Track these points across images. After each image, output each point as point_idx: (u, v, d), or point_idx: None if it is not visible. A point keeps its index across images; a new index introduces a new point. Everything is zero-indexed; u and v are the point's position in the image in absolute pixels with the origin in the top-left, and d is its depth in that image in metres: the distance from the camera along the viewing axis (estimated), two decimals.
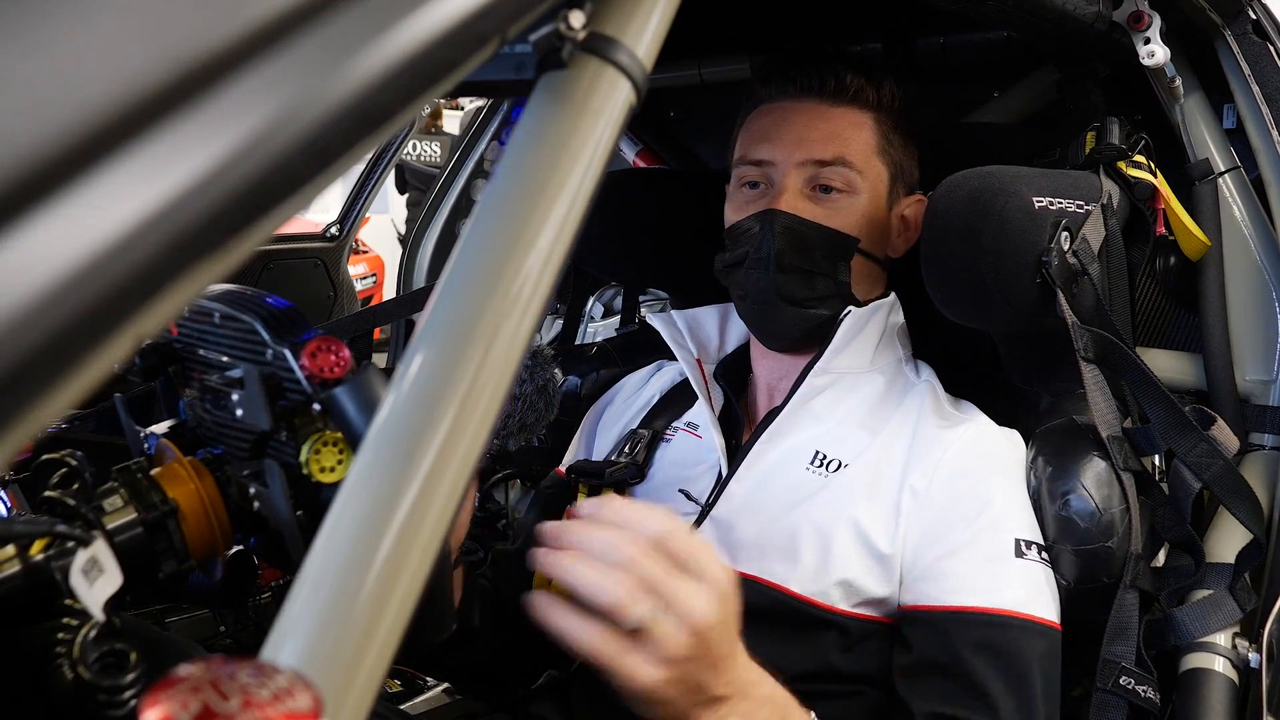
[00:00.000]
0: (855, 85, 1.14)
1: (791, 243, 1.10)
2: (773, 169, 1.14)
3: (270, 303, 0.72)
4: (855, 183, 1.12)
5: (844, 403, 1.12)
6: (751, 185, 1.16)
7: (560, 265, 0.49)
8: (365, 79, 0.35)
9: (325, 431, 0.67)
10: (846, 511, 1.02)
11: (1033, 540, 1.00)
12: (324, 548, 0.42)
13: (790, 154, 1.12)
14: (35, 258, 0.26)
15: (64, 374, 0.27)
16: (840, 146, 1.12)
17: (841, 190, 1.12)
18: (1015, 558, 0.98)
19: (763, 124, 1.17)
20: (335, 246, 2.84)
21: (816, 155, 1.12)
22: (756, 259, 1.12)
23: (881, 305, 1.16)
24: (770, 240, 1.10)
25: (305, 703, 0.35)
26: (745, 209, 1.15)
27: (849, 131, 1.13)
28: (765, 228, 1.11)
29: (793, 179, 1.12)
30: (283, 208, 0.33)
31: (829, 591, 1.00)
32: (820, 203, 1.12)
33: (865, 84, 1.15)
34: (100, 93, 0.28)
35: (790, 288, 1.11)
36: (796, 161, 1.12)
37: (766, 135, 1.15)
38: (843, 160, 1.12)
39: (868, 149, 1.14)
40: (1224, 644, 1.03)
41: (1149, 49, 1.15)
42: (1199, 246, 1.24)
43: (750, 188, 1.17)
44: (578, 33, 0.50)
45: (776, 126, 1.15)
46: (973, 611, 0.96)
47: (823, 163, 1.12)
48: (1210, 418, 1.04)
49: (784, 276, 1.11)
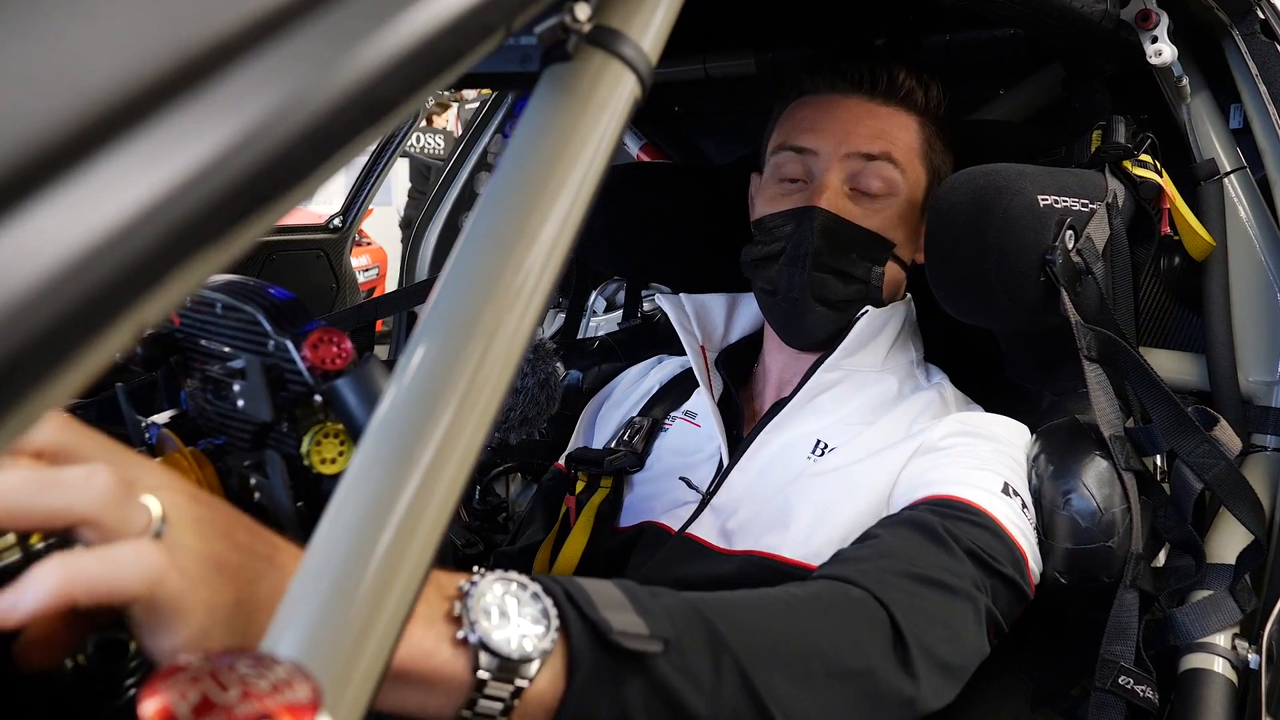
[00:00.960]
0: (907, 86, 1.13)
1: (830, 242, 1.09)
2: (815, 159, 1.12)
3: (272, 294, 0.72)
4: (896, 183, 1.11)
5: (852, 400, 1.12)
6: (790, 179, 1.14)
7: (563, 259, 0.49)
8: (369, 69, 0.35)
9: (326, 423, 0.67)
10: (844, 490, 1.02)
11: (1019, 493, 0.98)
12: (324, 539, 0.42)
13: (836, 145, 1.10)
14: (35, 245, 0.26)
15: (64, 363, 0.27)
16: (887, 143, 1.11)
17: (881, 191, 1.11)
18: (1000, 493, 0.96)
19: (808, 113, 1.15)
20: (338, 238, 2.84)
21: (863, 149, 1.10)
22: (793, 256, 1.10)
23: (898, 307, 1.16)
24: (809, 238, 1.09)
25: (304, 694, 0.35)
26: (781, 201, 1.14)
27: (895, 131, 1.12)
28: (804, 224, 1.09)
29: (835, 173, 1.10)
30: (285, 198, 0.33)
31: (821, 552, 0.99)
32: (860, 202, 1.11)
33: (916, 85, 1.14)
34: (101, 80, 0.27)
35: (825, 288, 1.10)
36: (842, 154, 1.10)
37: (812, 125, 1.13)
38: (888, 157, 1.10)
39: (911, 150, 1.13)
40: (1223, 645, 1.03)
41: (1156, 47, 1.14)
42: (1204, 246, 1.24)
43: (789, 181, 1.14)
44: (583, 25, 0.49)
45: (823, 117, 1.13)
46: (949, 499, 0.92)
47: (868, 157, 1.10)
48: (1213, 418, 1.03)
49: (820, 275, 1.09)
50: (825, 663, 0.70)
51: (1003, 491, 0.96)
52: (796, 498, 1.04)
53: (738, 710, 0.64)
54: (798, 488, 1.05)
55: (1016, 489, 0.98)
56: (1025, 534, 0.95)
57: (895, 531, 0.89)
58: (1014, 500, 0.97)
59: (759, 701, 0.65)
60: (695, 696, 0.62)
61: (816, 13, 1.52)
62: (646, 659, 0.60)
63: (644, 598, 0.64)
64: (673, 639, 0.62)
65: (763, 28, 1.65)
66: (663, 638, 0.61)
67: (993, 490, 0.96)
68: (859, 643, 0.74)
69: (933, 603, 0.80)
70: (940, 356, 1.24)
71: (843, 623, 0.74)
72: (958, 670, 0.81)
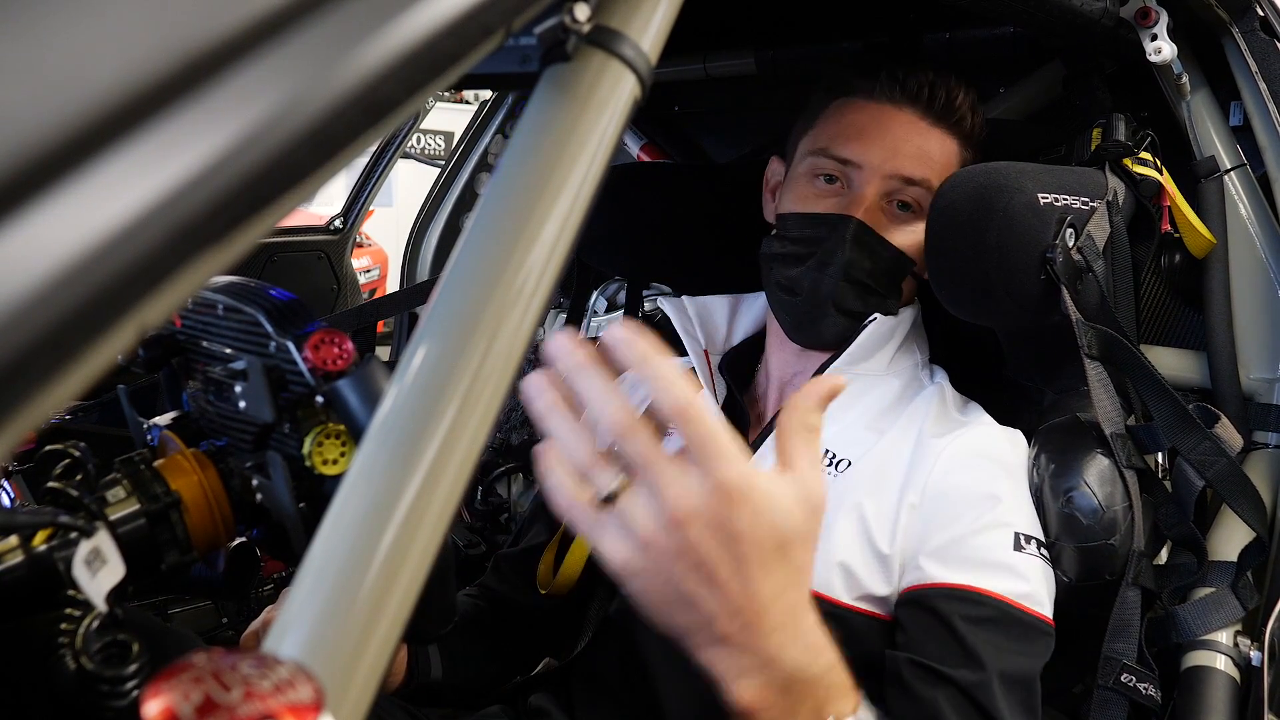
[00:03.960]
0: (962, 110, 1.11)
1: (862, 255, 1.08)
2: (857, 172, 1.10)
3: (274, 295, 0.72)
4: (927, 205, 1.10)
5: (857, 404, 1.12)
6: (828, 179, 1.12)
7: (564, 259, 0.49)
8: (370, 70, 0.35)
9: (328, 424, 0.67)
10: (850, 500, 1.02)
11: (1032, 535, 0.99)
12: (326, 540, 0.42)
13: (882, 163, 1.09)
14: (38, 247, 0.26)
15: (67, 364, 0.27)
16: (928, 168, 1.09)
17: (916, 211, 1.10)
18: (1014, 550, 0.97)
19: (857, 120, 1.12)
20: (339, 239, 2.84)
21: (906, 171, 1.09)
22: (823, 261, 1.09)
23: (905, 312, 1.15)
24: (843, 247, 1.07)
25: (307, 694, 0.35)
26: (815, 203, 1.12)
27: (940, 155, 1.11)
28: (839, 233, 1.08)
29: (874, 188, 1.09)
30: (286, 199, 0.33)
31: (831, 582, 0.99)
32: (894, 220, 1.10)
33: (969, 111, 1.12)
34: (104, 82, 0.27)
35: (848, 298, 1.09)
36: (886, 172, 1.09)
37: (860, 134, 1.10)
38: (927, 184, 1.09)
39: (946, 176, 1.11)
40: (1226, 642, 1.03)
41: (1156, 45, 1.14)
42: (1204, 244, 1.24)
43: (825, 181, 1.12)
44: (583, 26, 0.50)
45: (871, 127, 1.10)
46: (966, 589, 0.94)
47: (910, 180, 1.09)
48: (1214, 415, 1.03)
49: (845, 286, 1.08)
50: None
51: (1015, 548, 0.97)
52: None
53: None
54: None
55: (1028, 533, 0.98)
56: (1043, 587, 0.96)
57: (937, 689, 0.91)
58: (1029, 546, 0.97)
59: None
60: None
61: (817, 12, 1.52)
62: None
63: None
64: None
65: (763, 26, 1.65)
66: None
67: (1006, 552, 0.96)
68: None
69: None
70: (941, 355, 1.24)
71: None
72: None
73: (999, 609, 0.93)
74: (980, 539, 0.97)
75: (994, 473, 1.02)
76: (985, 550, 0.97)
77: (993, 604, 0.93)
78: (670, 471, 0.56)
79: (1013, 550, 0.97)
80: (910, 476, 1.02)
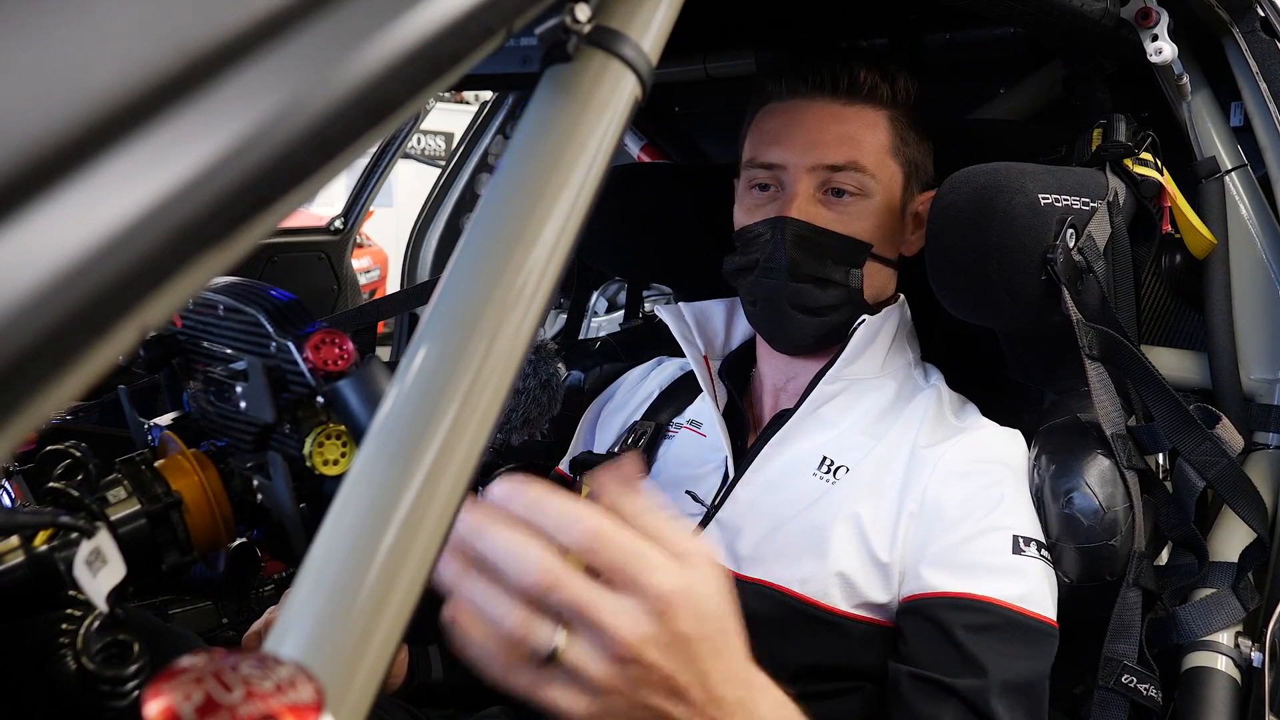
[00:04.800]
0: (869, 82, 1.11)
1: (803, 251, 1.09)
2: (784, 173, 1.11)
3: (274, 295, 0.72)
4: (868, 186, 1.10)
5: (854, 409, 1.12)
6: (761, 187, 1.14)
7: (564, 260, 0.49)
8: (370, 70, 0.35)
9: (329, 424, 0.67)
10: (848, 509, 1.02)
11: (1031, 537, 0.99)
12: (327, 540, 0.42)
13: (801, 158, 1.10)
14: (39, 247, 0.26)
15: (67, 365, 0.27)
16: (852, 150, 1.10)
17: (854, 193, 1.10)
18: (1012, 554, 0.97)
19: (773, 125, 1.14)
20: (339, 240, 2.84)
21: (829, 160, 1.09)
22: (768, 267, 1.10)
23: (892, 311, 1.15)
24: (781, 248, 1.08)
25: (308, 694, 0.35)
26: (755, 212, 1.13)
27: (862, 133, 1.11)
28: (776, 235, 1.09)
29: (804, 183, 1.10)
30: (287, 200, 0.33)
31: (829, 591, 1.00)
32: (832, 207, 1.10)
33: (879, 81, 1.12)
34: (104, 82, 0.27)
35: (801, 296, 1.09)
36: (808, 166, 1.09)
37: (777, 137, 1.12)
38: (855, 165, 1.09)
39: (881, 150, 1.11)
40: (1226, 643, 1.03)
41: (1156, 46, 1.14)
42: (1205, 244, 1.24)
43: (760, 190, 1.14)
44: (583, 26, 0.50)
45: (787, 128, 1.12)
46: (966, 597, 0.95)
47: (835, 167, 1.09)
48: (1215, 416, 1.03)
49: (795, 285, 1.09)
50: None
51: (1015, 551, 0.97)
52: (807, 527, 1.04)
53: None
54: (809, 517, 1.04)
55: (1027, 534, 0.99)
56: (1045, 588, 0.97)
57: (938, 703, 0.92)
58: (1029, 548, 0.98)
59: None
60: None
61: (817, 12, 1.52)
62: None
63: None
64: None
65: (763, 27, 1.65)
66: None
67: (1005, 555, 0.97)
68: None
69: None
70: (941, 356, 1.24)
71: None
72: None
73: (1000, 615, 0.94)
74: (979, 543, 0.98)
75: (992, 477, 1.02)
76: (985, 555, 0.97)
77: (994, 610, 0.94)
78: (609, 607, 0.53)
79: (1012, 553, 0.97)
80: (908, 484, 1.02)
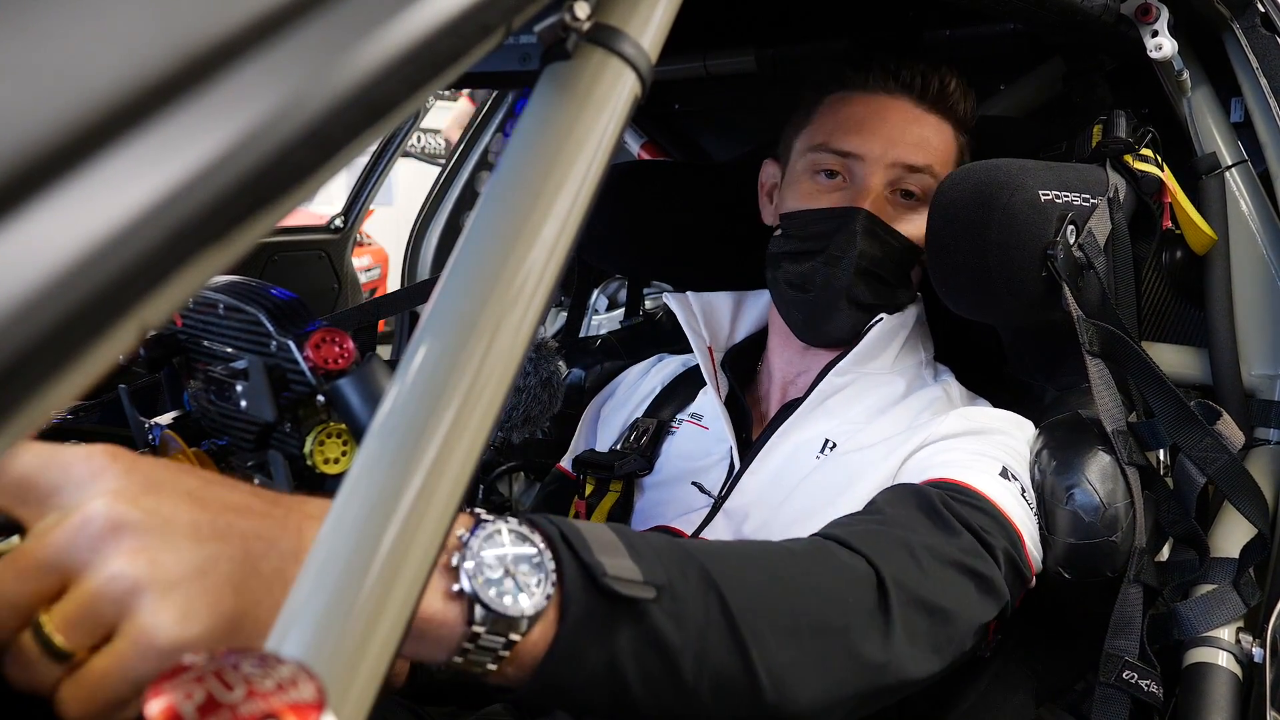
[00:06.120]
0: (956, 95, 1.12)
1: (873, 246, 1.08)
2: (859, 164, 1.10)
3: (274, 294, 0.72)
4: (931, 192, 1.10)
5: (861, 401, 1.12)
6: (829, 174, 1.12)
7: (564, 258, 0.49)
8: (370, 68, 0.35)
9: (329, 423, 0.67)
10: (849, 478, 1.03)
11: (1018, 478, 0.98)
12: (328, 539, 0.42)
13: (883, 152, 1.09)
14: (39, 246, 0.26)
15: (68, 364, 0.27)
16: (929, 155, 1.10)
17: (920, 198, 1.10)
18: (999, 476, 0.97)
19: (854, 113, 1.12)
20: (340, 238, 2.84)
21: (908, 159, 1.09)
22: (834, 256, 1.09)
23: (909, 311, 1.15)
24: (855, 239, 1.08)
25: (309, 693, 0.35)
26: (819, 198, 1.12)
27: (938, 140, 1.11)
28: (848, 225, 1.08)
29: (879, 178, 1.09)
30: (287, 198, 0.33)
31: None
32: (899, 208, 1.10)
33: (962, 96, 1.12)
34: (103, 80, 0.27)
35: (860, 291, 1.09)
36: (888, 162, 1.09)
37: (859, 126, 1.10)
38: (930, 170, 1.09)
39: (949, 161, 1.12)
40: (1228, 639, 1.03)
41: (1157, 42, 1.14)
42: (1205, 240, 1.24)
43: (827, 176, 1.12)
44: (583, 24, 0.50)
45: (869, 119, 1.11)
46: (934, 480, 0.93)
47: (912, 168, 1.09)
48: (1215, 412, 1.03)
49: (858, 279, 1.08)
50: (809, 616, 0.70)
51: (1001, 475, 0.97)
52: (802, 500, 1.04)
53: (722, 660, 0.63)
54: (803, 490, 1.05)
55: (1015, 474, 0.99)
56: (1022, 518, 0.96)
57: (895, 504, 0.89)
58: (1013, 484, 0.97)
59: (744, 650, 0.64)
60: (683, 644, 0.61)
61: (817, 9, 1.52)
62: (639, 605, 0.59)
63: (636, 540, 0.62)
64: (665, 585, 0.61)
65: (763, 24, 1.65)
66: (655, 584, 0.60)
67: (991, 473, 0.96)
68: (843, 600, 0.73)
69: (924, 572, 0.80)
70: (944, 352, 1.24)
71: (829, 579, 0.74)
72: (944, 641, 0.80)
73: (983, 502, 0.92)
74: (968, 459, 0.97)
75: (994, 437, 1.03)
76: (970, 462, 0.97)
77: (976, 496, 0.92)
78: None
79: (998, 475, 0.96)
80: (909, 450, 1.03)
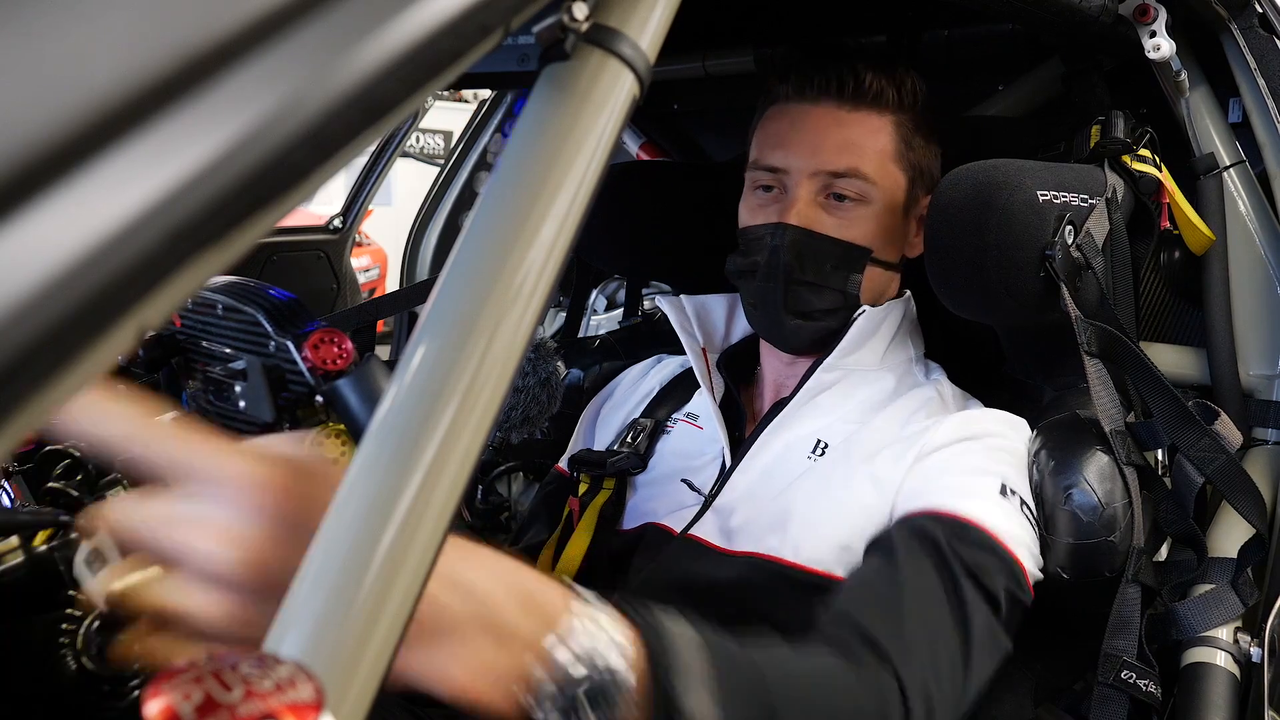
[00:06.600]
0: (875, 87, 1.11)
1: (802, 256, 1.09)
2: (785, 176, 1.11)
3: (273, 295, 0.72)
4: (869, 192, 1.10)
5: (851, 397, 1.12)
6: (764, 189, 1.14)
7: (563, 258, 0.49)
8: (368, 69, 0.35)
9: (328, 423, 0.67)
10: (843, 493, 1.03)
11: (1017, 491, 0.98)
12: (326, 539, 0.42)
13: (804, 163, 1.10)
14: (37, 247, 0.26)
15: (66, 365, 0.27)
16: (854, 158, 1.09)
17: (855, 199, 1.10)
18: (998, 494, 0.97)
19: (778, 128, 1.14)
20: (338, 239, 2.84)
21: (829, 166, 1.09)
22: (767, 271, 1.10)
23: (895, 305, 1.15)
24: (780, 254, 1.09)
25: (307, 693, 0.35)
26: (758, 214, 1.14)
27: (865, 139, 1.11)
28: (776, 240, 1.09)
29: (805, 188, 1.10)
30: (285, 199, 0.33)
31: (823, 558, 1.00)
32: (833, 212, 1.10)
33: (886, 84, 1.11)
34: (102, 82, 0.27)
35: (797, 302, 1.10)
36: (809, 171, 1.10)
37: (780, 141, 1.12)
38: (856, 172, 1.09)
39: (883, 157, 1.11)
40: (1226, 638, 1.03)
41: (1155, 42, 1.14)
42: (1203, 241, 1.24)
43: (764, 191, 1.14)
44: (581, 24, 0.50)
45: (790, 132, 1.12)
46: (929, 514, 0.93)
47: (836, 174, 1.09)
48: (1214, 412, 1.03)
49: (792, 289, 1.09)
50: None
51: (1001, 493, 0.97)
52: (795, 499, 1.04)
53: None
54: (796, 489, 1.05)
55: (1015, 487, 0.98)
56: (1023, 538, 0.96)
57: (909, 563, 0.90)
58: (1012, 499, 0.97)
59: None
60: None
61: (816, 9, 1.52)
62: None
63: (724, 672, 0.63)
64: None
65: (762, 24, 1.65)
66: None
67: (991, 495, 0.96)
68: None
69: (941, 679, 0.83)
70: (940, 352, 1.24)
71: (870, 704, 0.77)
72: None
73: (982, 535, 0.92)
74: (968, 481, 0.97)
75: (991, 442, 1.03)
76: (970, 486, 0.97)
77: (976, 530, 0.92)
78: None
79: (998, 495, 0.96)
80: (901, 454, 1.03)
